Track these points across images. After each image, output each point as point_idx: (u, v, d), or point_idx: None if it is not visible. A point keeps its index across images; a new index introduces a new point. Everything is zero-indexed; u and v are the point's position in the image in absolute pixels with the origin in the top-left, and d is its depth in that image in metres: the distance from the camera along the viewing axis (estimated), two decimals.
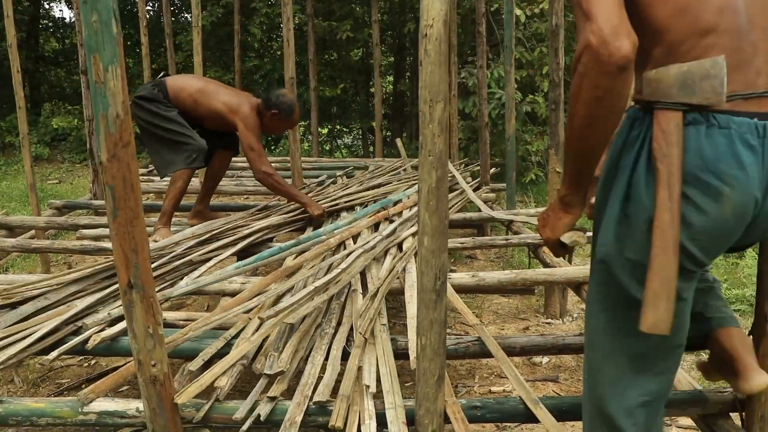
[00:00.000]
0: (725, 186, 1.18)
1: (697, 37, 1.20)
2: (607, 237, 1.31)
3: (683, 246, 1.22)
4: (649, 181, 1.22)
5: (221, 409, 1.76)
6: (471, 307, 3.52)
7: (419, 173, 1.45)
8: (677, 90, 1.20)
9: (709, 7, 1.20)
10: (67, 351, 2.10)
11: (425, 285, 1.51)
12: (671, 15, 1.22)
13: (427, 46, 1.40)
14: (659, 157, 1.20)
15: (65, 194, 7.14)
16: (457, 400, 1.79)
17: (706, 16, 1.20)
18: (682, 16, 1.21)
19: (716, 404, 1.86)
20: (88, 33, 1.35)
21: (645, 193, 1.23)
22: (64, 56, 12.08)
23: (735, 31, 1.20)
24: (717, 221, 1.22)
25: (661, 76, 1.22)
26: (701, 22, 1.20)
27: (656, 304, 1.21)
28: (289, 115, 3.71)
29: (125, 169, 1.42)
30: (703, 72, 1.18)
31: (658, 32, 1.22)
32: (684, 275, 1.24)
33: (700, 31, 1.20)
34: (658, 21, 1.22)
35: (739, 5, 1.21)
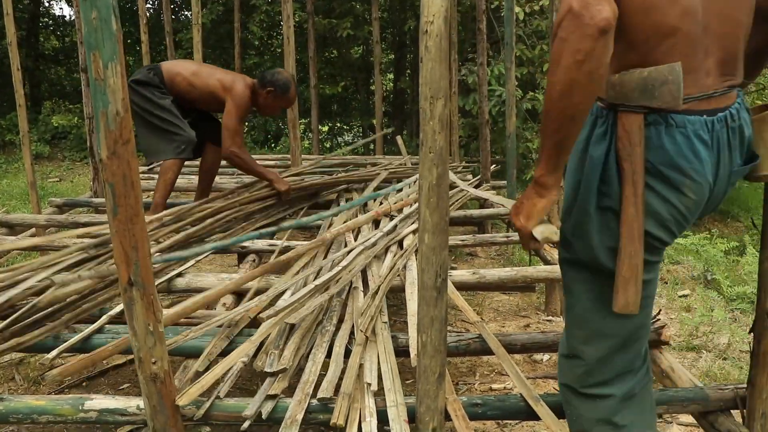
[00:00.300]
0: (686, 179, 1.30)
1: (660, 37, 1.27)
2: (589, 230, 1.39)
3: (650, 232, 1.34)
4: (618, 175, 1.32)
5: (222, 407, 1.76)
6: (472, 305, 3.52)
7: (420, 170, 1.45)
8: (638, 94, 1.28)
9: (675, 10, 1.25)
10: (67, 349, 2.09)
11: (426, 282, 1.51)
12: (638, 12, 1.25)
13: (427, 43, 1.39)
14: (624, 156, 1.30)
15: (65, 192, 7.14)
16: (457, 398, 1.78)
17: (670, 19, 1.26)
18: (648, 15, 1.26)
19: (717, 401, 1.86)
20: (88, 30, 1.34)
21: (617, 186, 1.32)
22: (64, 54, 12.07)
23: (693, 36, 1.28)
24: (679, 208, 1.34)
25: (623, 81, 1.30)
26: (666, 23, 1.26)
27: (626, 287, 1.33)
28: (284, 92, 3.70)
29: (125, 167, 1.42)
30: (662, 78, 1.26)
31: (622, 28, 1.24)
32: (651, 253, 1.37)
33: (664, 33, 1.26)
34: (625, 17, 1.24)
35: (698, 11, 1.28)
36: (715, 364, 2.88)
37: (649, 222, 1.33)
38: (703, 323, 3.25)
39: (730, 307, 3.79)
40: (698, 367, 2.86)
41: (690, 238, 5.24)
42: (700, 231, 6.41)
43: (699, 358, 2.96)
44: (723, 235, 6.56)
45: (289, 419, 1.67)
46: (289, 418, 1.67)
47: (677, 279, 4.22)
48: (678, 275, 4.33)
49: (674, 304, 3.75)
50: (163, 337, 1.57)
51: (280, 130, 10.30)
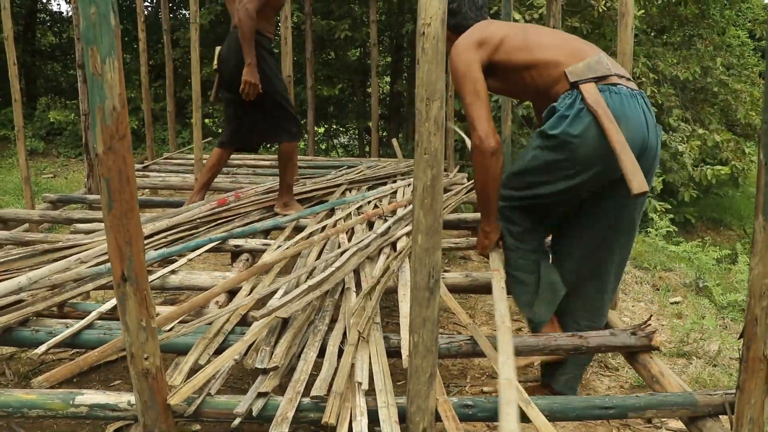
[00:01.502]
0: (629, 122, 2.09)
1: (553, 66, 2.20)
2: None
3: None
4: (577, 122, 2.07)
5: (213, 404, 1.76)
6: (464, 308, 3.53)
7: (414, 171, 1.45)
8: (588, 71, 2.14)
9: (532, 51, 2.26)
10: (57, 344, 2.09)
11: (418, 283, 1.51)
12: (517, 68, 2.28)
13: (424, 45, 1.40)
14: (593, 106, 2.04)
15: (60, 188, 7.12)
16: (448, 399, 1.79)
17: (551, 51, 2.24)
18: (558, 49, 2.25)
19: (706, 406, 1.87)
20: (86, 25, 1.35)
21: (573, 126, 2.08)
22: (60, 51, 12.06)
23: (576, 53, 2.23)
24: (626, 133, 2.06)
25: (575, 69, 2.14)
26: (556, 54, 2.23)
27: (635, 173, 1.95)
28: None
29: (121, 162, 1.42)
30: (594, 62, 2.16)
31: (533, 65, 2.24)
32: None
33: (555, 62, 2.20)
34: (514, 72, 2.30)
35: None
36: (705, 370, 2.89)
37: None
38: (694, 330, 3.27)
39: (721, 315, 3.81)
40: (688, 374, 2.87)
41: (683, 245, 5.26)
42: (693, 239, 6.44)
43: (689, 365, 2.97)
44: (715, 243, 6.60)
45: (280, 417, 1.67)
46: (279, 416, 1.68)
47: (669, 286, 4.24)
48: (670, 282, 4.35)
49: (666, 310, 3.77)
50: (155, 333, 1.58)
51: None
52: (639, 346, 2.25)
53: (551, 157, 2.13)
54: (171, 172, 5.85)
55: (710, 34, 8.05)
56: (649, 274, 4.47)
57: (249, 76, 3.54)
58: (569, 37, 2.35)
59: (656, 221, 5.99)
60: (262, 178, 5.32)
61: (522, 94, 2.42)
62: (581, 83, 2.12)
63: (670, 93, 7.24)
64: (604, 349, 2.27)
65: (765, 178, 1.60)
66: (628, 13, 2.81)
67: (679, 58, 7.55)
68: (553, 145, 2.11)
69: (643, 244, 5.32)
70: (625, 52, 2.83)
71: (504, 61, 2.26)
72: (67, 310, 2.38)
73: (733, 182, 7.76)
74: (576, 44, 2.29)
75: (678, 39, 8.42)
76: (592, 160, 2.09)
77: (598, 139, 2.05)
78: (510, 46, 2.25)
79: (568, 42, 2.31)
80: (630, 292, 4.05)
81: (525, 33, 2.31)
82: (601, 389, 2.68)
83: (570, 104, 2.10)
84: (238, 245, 3.12)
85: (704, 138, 6.89)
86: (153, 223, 3.31)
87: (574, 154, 2.09)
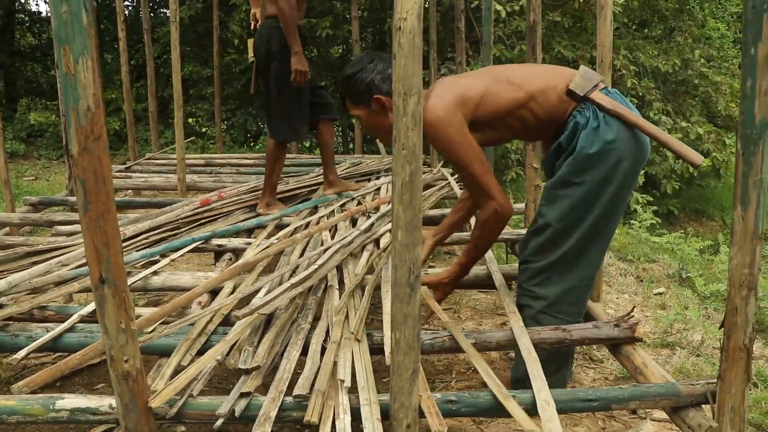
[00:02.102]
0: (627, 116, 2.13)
1: (550, 90, 2.18)
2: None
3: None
4: (607, 129, 2.10)
5: (195, 405, 1.75)
6: (449, 303, 3.54)
7: (393, 167, 1.45)
8: (587, 82, 2.17)
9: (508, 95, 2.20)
10: (38, 348, 2.07)
11: (399, 279, 1.51)
12: (500, 110, 2.21)
13: (400, 39, 1.39)
14: (614, 109, 2.10)
15: (41, 191, 7.05)
16: (431, 394, 1.79)
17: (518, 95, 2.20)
18: (542, 77, 2.23)
19: (688, 396, 1.88)
20: (58, 24, 1.33)
21: (607, 133, 2.10)
22: (40, 51, 11.92)
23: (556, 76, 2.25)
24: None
25: (577, 84, 2.16)
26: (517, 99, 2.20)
27: (687, 148, 2.10)
28: None
29: (96, 163, 1.41)
30: (584, 72, 2.20)
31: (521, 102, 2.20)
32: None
33: (553, 86, 2.19)
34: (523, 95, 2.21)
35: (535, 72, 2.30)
36: (689, 360, 2.91)
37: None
38: (678, 321, 3.29)
39: (704, 305, 3.84)
40: (672, 364, 2.89)
41: (666, 237, 5.30)
42: (676, 230, 6.49)
43: (673, 355, 2.99)
44: (698, 234, 6.65)
45: (263, 417, 1.66)
46: (262, 415, 1.67)
47: (653, 277, 4.27)
48: (653, 273, 4.38)
49: (649, 301, 3.79)
50: (134, 335, 1.56)
51: (259, 129, 10.26)
52: (622, 338, 2.26)
53: (601, 174, 2.11)
54: (154, 172, 5.82)
55: (690, 26, 8.10)
56: (632, 266, 4.50)
57: (297, 64, 3.59)
58: (539, 65, 2.44)
59: (640, 213, 6.03)
60: (245, 177, 5.29)
61: (518, 135, 2.33)
62: (590, 93, 2.15)
63: (651, 86, 7.28)
64: (587, 342, 2.28)
65: (743, 169, 1.61)
66: (608, 6, 2.82)
67: (660, 51, 7.59)
68: (597, 160, 2.10)
69: (626, 236, 5.35)
70: (605, 45, 2.85)
71: (492, 112, 2.18)
72: (48, 314, 2.36)
73: (714, 173, 7.82)
74: (551, 67, 2.35)
75: (658, 32, 8.45)
76: (636, 156, 2.13)
77: (630, 136, 2.11)
78: (493, 94, 2.18)
79: (542, 68, 2.37)
80: (614, 284, 4.07)
81: (505, 75, 2.25)
82: (586, 381, 2.69)
83: (592, 116, 2.12)
84: (221, 245, 3.10)
85: (686, 130, 6.94)
86: (135, 224, 3.28)
87: (620, 157, 2.10)
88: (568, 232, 2.18)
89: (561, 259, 2.21)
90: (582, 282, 2.25)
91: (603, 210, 2.15)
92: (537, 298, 2.27)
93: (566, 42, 7.08)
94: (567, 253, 2.20)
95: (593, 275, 2.29)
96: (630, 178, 2.16)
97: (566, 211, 2.17)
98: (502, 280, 2.70)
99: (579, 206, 2.15)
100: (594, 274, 2.29)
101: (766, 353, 3.16)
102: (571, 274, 2.23)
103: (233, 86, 9.62)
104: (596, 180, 2.11)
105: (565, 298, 2.25)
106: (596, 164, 2.10)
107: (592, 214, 2.15)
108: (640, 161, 2.17)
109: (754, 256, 1.64)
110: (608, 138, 2.08)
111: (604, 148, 2.08)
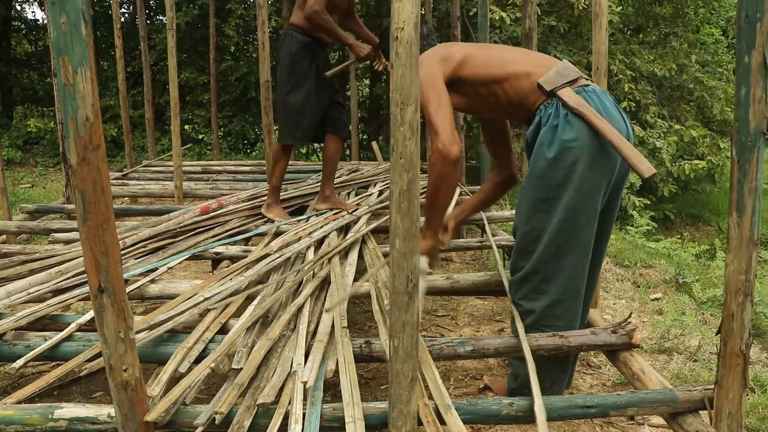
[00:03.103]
0: (610, 117, 2.14)
1: (524, 77, 2.22)
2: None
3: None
4: (567, 127, 2.09)
5: (188, 413, 1.74)
6: (446, 309, 3.54)
7: (391, 176, 1.45)
8: (560, 78, 2.18)
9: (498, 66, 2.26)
10: (36, 357, 2.07)
11: (397, 287, 1.51)
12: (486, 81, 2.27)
13: (398, 49, 1.40)
14: (577, 108, 2.08)
15: (38, 198, 7.04)
16: (429, 402, 1.79)
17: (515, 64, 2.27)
18: (523, 62, 2.27)
19: (686, 402, 1.89)
20: (57, 35, 1.33)
21: (565, 132, 2.09)
22: (36, 59, 11.93)
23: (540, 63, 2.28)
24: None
25: (548, 78, 2.17)
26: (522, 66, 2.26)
27: (639, 158, 2.01)
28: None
29: (95, 173, 1.41)
30: (562, 68, 2.22)
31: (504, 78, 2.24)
32: None
33: (526, 73, 2.23)
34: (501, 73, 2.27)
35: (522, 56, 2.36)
36: (686, 366, 2.92)
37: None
38: (675, 326, 3.30)
39: (701, 311, 3.85)
40: (669, 370, 2.90)
41: (662, 242, 5.32)
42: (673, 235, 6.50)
43: (670, 361, 3.00)
44: (694, 239, 6.66)
45: (236, 425, 1.66)
46: (236, 424, 1.66)
47: (649, 282, 4.28)
48: (650, 279, 4.39)
49: (646, 307, 3.80)
50: (134, 344, 1.56)
51: (256, 136, 10.27)
52: (620, 344, 2.27)
53: (558, 174, 2.11)
54: (150, 180, 5.82)
55: (685, 32, 8.14)
56: (629, 271, 4.51)
57: (359, 51, 3.66)
58: (531, 51, 2.40)
59: (636, 219, 6.05)
60: (242, 184, 5.29)
61: (492, 110, 2.37)
62: (557, 90, 2.15)
63: (647, 90, 7.31)
64: (585, 348, 2.28)
65: (738, 176, 1.62)
66: (603, 14, 2.84)
67: (656, 56, 7.63)
68: (554, 161, 2.11)
69: (623, 241, 5.36)
70: (600, 51, 2.87)
71: (471, 76, 2.26)
72: (46, 322, 2.36)
73: (710, 178, 7.85)
74: (539, 56, 2.36)
75: (654, 37, 8.50)
76: (596, 159, 2.09)
77: (592, 137, 2.08)
78: (475, 62, 2.27)
79: (530, 55, 2.38)
80: (611, 290, 4.08)
81: (488, 50, 2.37)
82: (584, 388, 2.69)
83: (554, 113, 2.13)
84: (218, 252, 3.10)
85: (681, 134, 6.97)
86: (135, 232, 3.28)
87: (577, 157, 2.08)
88: (537, 236, 2.20)
89: (537, 267, 2.21)
90: (565, 296, 2.22)
91: (566, 214, 2.13)
92: (525, 312, 2.28)
93: (562, 47, 7.11)
94: (541, 260, 2.20)
95: (577, 288, 2.24)
96: (591, 182, 2.11)
97: (529, 213, 2.21)
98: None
99: (539, 207, 2.17)
100: (577, 286, 2.23)
101: (762, 358, 3.16)
102: (552, 287, 2.22)
103: (230, 93, 9.64)
104: (554, 180, 2.12)
105: (550, 312, 2.24)
106: (553, 164, 2.10)
107: (555, 218, 2.14)
108: (605, 167, 2.12)
109: (750, 262, 1.65)
110: (565, 137, 2.08)
111: (561, 147, 2.08)
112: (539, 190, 2.16)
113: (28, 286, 2.61)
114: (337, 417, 1.72)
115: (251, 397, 1.77)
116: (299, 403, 1.72)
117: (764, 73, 1.54)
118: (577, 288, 2.24)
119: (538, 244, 2.19)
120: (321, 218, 3.58)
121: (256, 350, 1.98)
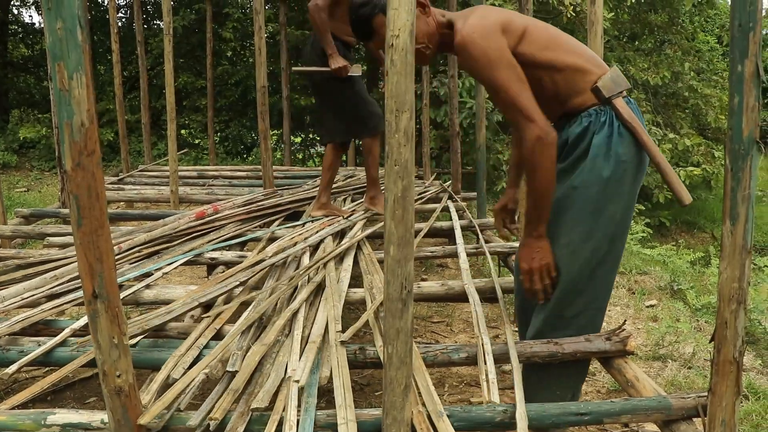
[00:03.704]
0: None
1: (580, 74, 2.02)
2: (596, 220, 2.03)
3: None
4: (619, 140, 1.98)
5: (182, 419, 1.73)
6: (441, 316, 3.54)
7: (385, 183, 1.46)
8: (615, 86, 2.02)
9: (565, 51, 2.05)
10: (29, 362, 2.06)
11: (391, 294, 1.51)
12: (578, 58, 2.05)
13: (393, 56, 1.41)
14: (629, 122, 1.98)
15: (33, 203, 7.03)
16: (423, 409, 1.79)
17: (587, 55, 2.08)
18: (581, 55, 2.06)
19: (679, 410, 1.89)
20: (53, 40, 1.33)
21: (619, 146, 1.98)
22: (33, 63, 11.92)
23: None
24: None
25: (605, 84, 2.00)
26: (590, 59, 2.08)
27: (681, 185, 2.01)
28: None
29: (90, 178, 1.41)
30: (615, 75, 2.05)
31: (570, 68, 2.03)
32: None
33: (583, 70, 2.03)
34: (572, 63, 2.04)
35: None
36: (681, 373, 2.93)
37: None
38: (669, 333, 3.30)
39: (696, 318, 3.86)
40: (664, 376, 2.90)
41: (657, 249, 5.33)
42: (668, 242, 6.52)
43: (665, 368, 3.00)
44: (689, 246, 6.68)
45: (230, 431, 1.66)
46: (229, 430, 1.66)
47: (644, 289, 4.29)
48: (645, 285, 4.40)
49: (641, 314, 3.81)
50: (128, 350, 1.56)
51: (253, 141, 10.27)
52: (614, 351, 2.27)
53: (615, 187, 2.01)
54: (146, 184, 5.81)
55: (680, 39, 8.18)
56: (624, 278, 4.52)
57: (332, 64, 3.57)
58: (584, 45, 2.15)
59: (631, 226, 6.06)
60: (238, 189, 5.29)
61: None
62: (614, 98, 2.01)
63: (642, 98, 7.34)
64: (579, 355, 2.28)
65: (731, 184, 1.62)
66: (598, 22, 2.86)
67: (650, 64, 7.66)
68: (614, 173, 2.00)
69: None
70: None
71: (528, 56, 1.97)
72: (40, 328, 2.35)
73: (706, 185, 7.88)
74: (593, 54, 2.14)
75: (649, 45, 8.53)
76: (638, 174, 2.04)
77: (638, 153, 2.00)
78: (536, 40, 2.00)
79: (587, 50, 2.13)
80: None
81: (547, 30, 2.08)
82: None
83: (608, 123, 1.99)
84: (213, 258, 3.10)
85: (675, 142, 7.00)
86: (131, 237, 3.28)
87: (628, 172, 2.01)
88: (601, 259, 2.12)
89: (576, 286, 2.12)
90: (590, 306, 2.19)
91: (612, 229, 2.06)
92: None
93: None
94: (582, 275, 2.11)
95: (601, 301, 2.21)
96: (633, 196, 2.08)
97: (583, 228, 2.06)
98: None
99: (591, 221, 2.05)
100: (604, 298, 2.21)
101: (756, 365, 3.17)
102: (581, 298, 2.17)
103: (227, 97, 9.64)
104: (608, 195, 2.01)
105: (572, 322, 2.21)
106: (610, 178, 1.99)
107: (600, 232, 2.05)
108: (641, 182, 2.09)
109: (743, 270, 1.65)
110: (620, 151, 1.97)
111: (616, 162, 1.98)
112: (590, 203, 2.02)
113: (23, 291, 2.60)
114: (331, 423, 1.72)
115: (245, 403, 1.77)
116: (293, 410, 1.72)
117: (757, 82, 1.55)
118: (601, 301, 2.19)
119: (600, 269, 2.09)
120: (317, 224, 3.58)
121: (251, 355, 1.98)
